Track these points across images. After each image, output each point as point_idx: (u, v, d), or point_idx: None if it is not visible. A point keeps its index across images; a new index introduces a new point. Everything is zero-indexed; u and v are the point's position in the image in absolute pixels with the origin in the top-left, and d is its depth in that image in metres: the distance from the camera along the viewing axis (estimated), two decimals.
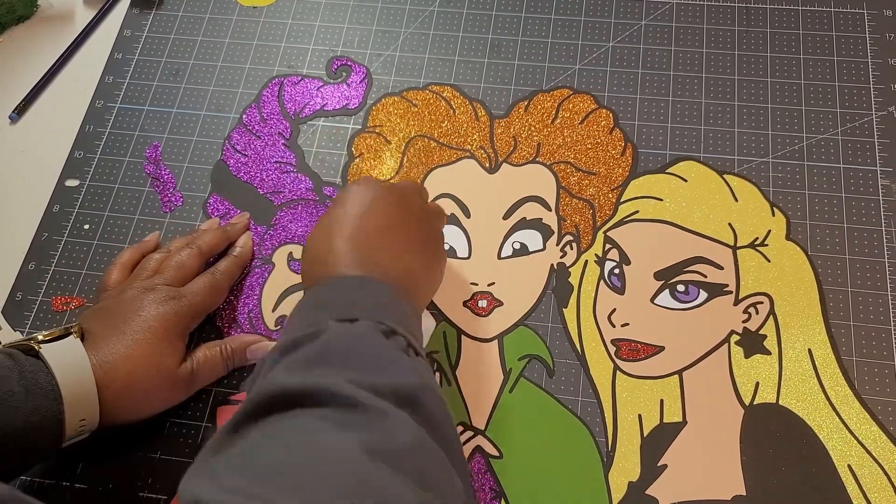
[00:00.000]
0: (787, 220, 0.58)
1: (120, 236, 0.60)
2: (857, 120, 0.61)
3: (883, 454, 0.50)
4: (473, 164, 0.61)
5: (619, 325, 0.55)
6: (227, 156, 0.63)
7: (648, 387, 0.53)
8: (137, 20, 0.71)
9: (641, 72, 0.64)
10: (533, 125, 0.62)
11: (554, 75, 0.65)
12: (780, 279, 0.56)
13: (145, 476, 0.52)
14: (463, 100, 0.64)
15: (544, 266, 0.57)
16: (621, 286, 0.56)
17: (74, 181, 0.63)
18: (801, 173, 0.59)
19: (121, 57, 0.69)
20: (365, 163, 0.62)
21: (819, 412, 0.51)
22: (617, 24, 0.67)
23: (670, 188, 0.59)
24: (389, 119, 0.64)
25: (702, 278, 0.56)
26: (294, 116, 0.65)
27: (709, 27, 0.66)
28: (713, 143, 0.61)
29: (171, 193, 0.62)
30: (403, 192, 0.48)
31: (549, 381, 0.54)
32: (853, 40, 0.64)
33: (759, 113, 0.62)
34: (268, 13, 0.70)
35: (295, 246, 0.59)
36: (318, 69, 0.67)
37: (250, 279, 0.58)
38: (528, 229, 0.59)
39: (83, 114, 0.66)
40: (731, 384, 0.53)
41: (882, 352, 0.53)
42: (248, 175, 0.62)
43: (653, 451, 0.51)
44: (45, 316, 0.58)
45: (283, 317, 0.56)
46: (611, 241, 0.58)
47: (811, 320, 0.54)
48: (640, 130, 0.62)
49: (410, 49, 0.67)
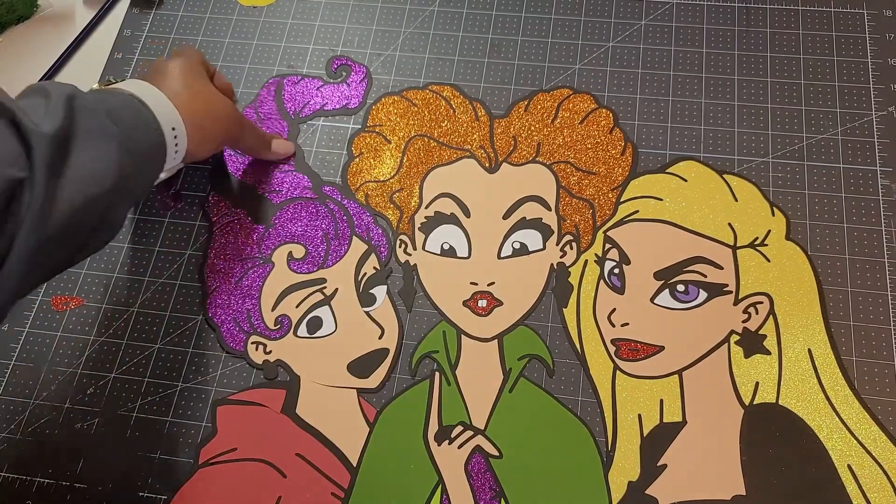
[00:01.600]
0: (786, 220, 0.58)
1: (120, 236, 0.60)
2: (857, 120, 0.61)
3: (883, 454, 0.50)
4: (473, 163, 0.61)
5: (619, 325, 0.55)
6: (227, 155, 0.63)
7: (648, 387, 0.53)
8: (137, 20, 0.71)
9: (641, 72, 0.64)
10: (533, 125, 0.62)
11: (554, 75, 0.65)
12: (779, 279, 0.56)
13: (145, 476, 0.52)
14: (463, 99, 0.64)
15: (544, 266, 0.57)
16: (621, 286, 0.56)
17: None
18: (801, 173, 0.59)
19: (121, 57, 0.69)
20: (365, 162, 0.62)
21: (819, 412, 0.51)
22: (617, 24, 0.67)
23: (670, 188, 0.59)
24: (389, 118, 0.64)
25: (702, 278, 0.56)
26: (294, 116, 0.65)
27: (709, 27, 0.66)
28: (713, 143, 0.61)
29: (173, 194, 0.62)
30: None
31: (549, 380, 0.54)
32: (853, 40, 0.64)
33: (759, 113, 0.62)
34: (268, 13, 0.70)
35: (294, 245, 0.59)
36: (318, 69, 0.67)
37: (250, 279, 0.58)
38: (527, 229, 0.59)
39: None
40: (730, 384, 0.53)
41: (882, 352, 0.53)
42: (247, 174, 0.62)
43: (653, 450, 0.51)
44: (45, 315, 0.58)
45: (283, 316, 0.56)
46: (611, 241, 0.58)
47: (811, 320, 0.54)
48: (640, 130, 0.62)
49: (410, 49, 0.67)
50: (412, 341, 0.55)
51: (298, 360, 0.55)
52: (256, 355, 0.55)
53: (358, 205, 0.60)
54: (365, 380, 0.54)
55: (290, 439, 0.52)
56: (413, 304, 0.57)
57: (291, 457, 0.52)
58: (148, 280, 0.59)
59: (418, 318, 0.56)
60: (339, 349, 0.55)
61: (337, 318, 0.56)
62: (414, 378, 0.54)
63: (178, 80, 0.53)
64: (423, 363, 0.55)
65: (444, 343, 0.55)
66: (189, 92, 0.52)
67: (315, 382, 0.54)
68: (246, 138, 0.59)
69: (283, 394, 0.54)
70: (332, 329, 0.56)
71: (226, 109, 0.55)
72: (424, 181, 0.61)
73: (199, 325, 0.57)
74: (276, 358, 0.55)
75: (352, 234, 0.59)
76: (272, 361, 0.55)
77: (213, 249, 0.59)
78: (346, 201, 0.61)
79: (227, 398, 0.54)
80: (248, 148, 0.60)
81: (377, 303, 0.57)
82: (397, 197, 0.60)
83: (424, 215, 0.60)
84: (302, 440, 0.52)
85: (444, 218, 0.59)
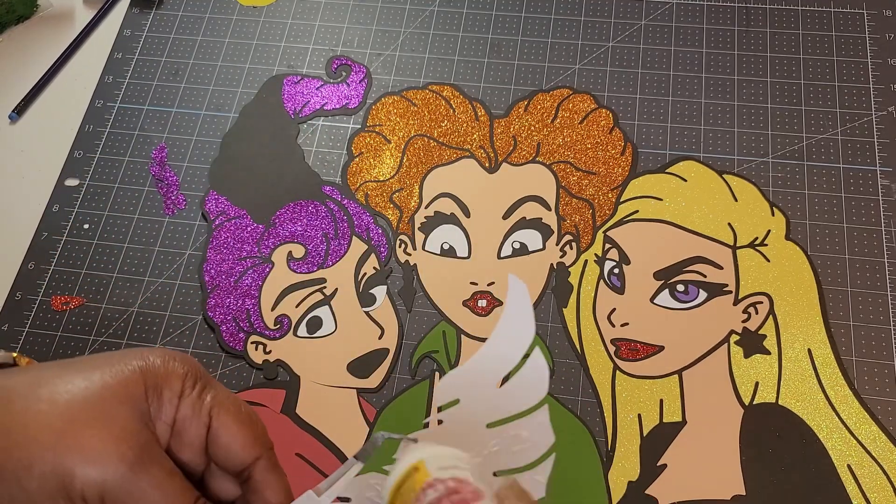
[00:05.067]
0: (786, 220, 0.58)
1: (120, 236, 0.60)
2: (857, 120, 0.61)
3: (882, 454, 0.50)
4: (473, 163, 0.61)
5: (619, 325, 0.55)
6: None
7: (648, 386, 0.53)
8: (137, 20, 0.71)
9: (641, 72, 0.64)
10: (533, 125, 0.62)
11: (554, 75, 0.65)
12: (779, 279, 0.56)
13: None
14: (463, 99, 0.64)
15: (544, 266, 0.57)
16: (621, 286, 0.56)
17: (74, 181, 0.63)
18: (800, 173, 0.59)
19: (121, 56, 0.69)
20: (364, 162, 0.62)
21: (819, 412, 0.51)
22: (617, 23, 0.67)
23: (670, 188, 0.59)
24: (389, 118, 0.64)
25: (701, 278, 0.56)
26: (294, 116, 0.65)
27: (709, 27, 0.66)
28: (713, 142, 0.61)
29: (174, 196, 0.62)
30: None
31: (549, 380, 0.54)
32: (853, 40, 0.64)
33: (758, 113, 0.62)
34: (268, 13, 0.70)
35: (294, 245, 0.59)
36: (318, 69, 0.67)
37: (249, 278, 0.58)
38: (527, 229, 0.59)
39: (83, 113, 0.66)
40: (730, 384, 0.53)
41: (882, 352, 0.53)
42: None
43: (652, 450, 0.51)
44: (44, 315, 0.58)
45: (283, 316, 0.56)
46: (610, 241, 0.58)
47: (811, 320, 0.54)
48: (640, 130, 0.62)
49: (410, 49, 0.67)
50: (412, 341, 0.55)
51: (298, 360, 0.55)
52: (256, 355, 0.55)
53: (358, 205, 0.60)
54: (365, 380, 0.54)
55: (290, 439, 0.52)
56: (413, 304, 0.57)
57: (291, 457, 0.52)
58: (148, 280, 0.59)
59: (418, 318, 0.56)
60: (338, 349, 0.55)
61: (337, 318, 0.56)
62: (414, 378, 0.54)
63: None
64: (423, 363, 0.55)
65: (443, 343, 0.55)
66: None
67: (315, 382, 0.54)
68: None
69: (282, 394, 0.54)
70: (331, 329, 0.56)
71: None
72: (424, 181, 0.61)
73: (198, 324, 0.57)
74: (276, 358, 0.55)
75: (352, 234, 0.59)
76: (272, 361, 0.55)
77: (212, 249, 0.59)
78: (346, 201, 0.61)
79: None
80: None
81: (377, 303, 0.57)
82: (397, 197, 0.60)
83: (424, 215, 0.60)
84: (302, 440, 0.52)
85: (443, 218, 0.59)
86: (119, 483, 0.29)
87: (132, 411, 0.30)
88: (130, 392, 0.31)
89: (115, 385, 0.30)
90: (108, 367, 0.31)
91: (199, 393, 0.33)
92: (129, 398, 0.31)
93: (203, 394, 0.33)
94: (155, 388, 0.32)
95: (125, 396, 0.31)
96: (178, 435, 0.32)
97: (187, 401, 0.32)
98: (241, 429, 0.33)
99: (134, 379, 0.31)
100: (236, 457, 0.33)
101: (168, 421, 0.32)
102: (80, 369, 0.31)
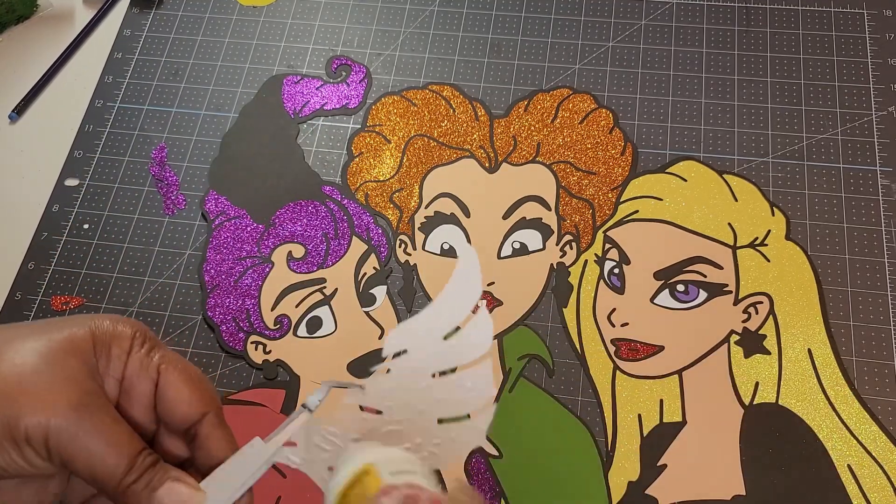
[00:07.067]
0: (786, 220, 0.58)
1: (119, 236, 0.60)
2: (857, 120, 0.61)
3: (883, 454, 0.50)
4: (473, 163, 0.61)
5: (619, 325, 0.55)
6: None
7: (648, 387, 0.53)
8: (137, 20, 0.71)
9: (641, 72, 0.64)
10: (533, 125, 0.62)
11: (554, 75, 0.65)
12: (779, 279, 0.56)
13: None
14: (463, 99, 0.64)
15: (544, 266, 0.57)
16: (621, 286, 0.56)
17: (74, 181, 0.63)
18: (800, 173, 0.59)
19: (120, 56, 0.69)
20: (364, 162, 0.62)
21: (819, 412, 0.51)
22: (617, 23, 0.67)
23: (670, 188, 0.59)
24: (389, 118, 0.64)
25: (701, 278, 0.56)
26: (294, 115, 0.65)
27: (709, 27, 0.66)
28: (713, 142, 0.61)
29: (174, 196, 0.62)
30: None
31: (549, 380, 0.54)
32: (853, 40, 0.64)
33: (759, 113, 0.62)
34: (268, 13, 0.70)
35: (294, 245, 0.59)
36: (318, 69, 0.67)
37: (249, 278, 0.58)
38: (527, 229, 0.58)
39: (83, 113, 0.66)
40: (730, 384, 0.53)
41: (882, 352, 0.53)
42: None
43: (652, 450, 0.51)
44: (44, 315, 0.58)
45: (283, 315, 0.56)
46: (610, 241, 0.58)
47: (811, 320, 0.54)
48: (640, 130, 0.62)
49: (410, 49, 0.67)
50: None
51: (298, 360, 0.55)
52: (256, 355, 0.55)
53: (358, 205, 0.60)
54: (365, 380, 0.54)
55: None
56: (413, 304, 0.57)
57: None
58: (148, 280, 0.59)
59: None
60: (338, 349, 0.55)
61: (337, 318, 0.56)
62: None
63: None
64: None
65: None
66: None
67: (315, 382, 0.54)
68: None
69: (282, 394, 0.54)
70: (331, 329, 0.56)
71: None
72: (424, 181, 0.61)
73: (198, 324, 0.57)
74: (276, 358, 0.55)
75: (351, 234, 0.59)
76: (272, 361, 0.55)
77: (212, 249, 0.59)
78: (346, 201, 0.61)
79: (227, 398, 0.54)
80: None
81: (377, 303, 0.57)
82: (397, 197, 0.60)
83: (424, 215, 0.60)
84: None
85: (443, 218, 0.59)
86: (63, 425, 0.29)
87: (80, 364, 0.31)
88: (78, 346, 0.31)
89: (63, 340, 0.31)
90: (58, 326, 0.32)
91: (148, 352, 0.33)
92: (77, 352, 0.31)
93: (151, 353, 0.33)
94: (103, 345, 0.32)
95: (73, 350, 0.31)
96: (126, 392, 0.33)
97: (135, 357, 0.33)
98: (188, 385, 0.33)
99: (82, 335, 0.32)
100: (183, 414, 0.33)
101: (117, 376, 0.32)
102: (31, 328, 0.32)
